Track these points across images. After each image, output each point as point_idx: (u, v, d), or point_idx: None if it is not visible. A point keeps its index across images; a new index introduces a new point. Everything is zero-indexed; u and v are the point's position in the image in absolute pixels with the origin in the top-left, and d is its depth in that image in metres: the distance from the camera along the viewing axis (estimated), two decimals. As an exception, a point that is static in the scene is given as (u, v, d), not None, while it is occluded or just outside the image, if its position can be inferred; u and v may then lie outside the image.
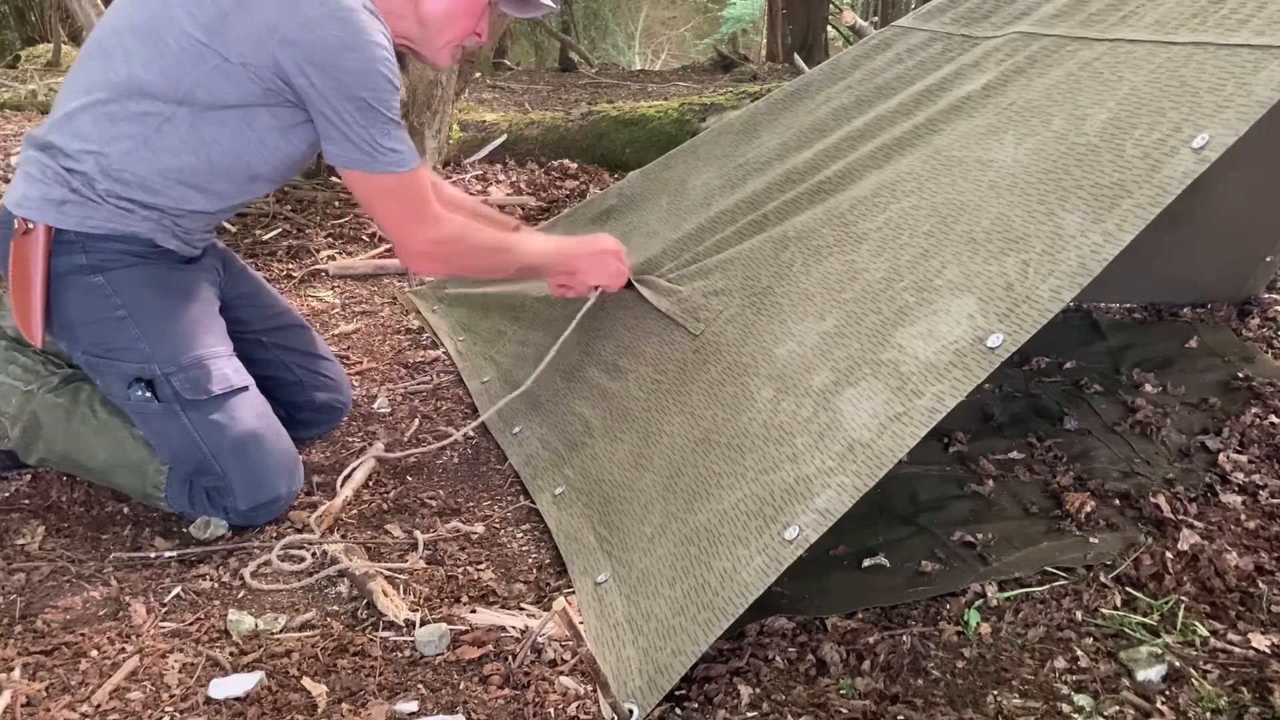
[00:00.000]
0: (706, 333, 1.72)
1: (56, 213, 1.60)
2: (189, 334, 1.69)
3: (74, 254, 1.62)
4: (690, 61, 13.77)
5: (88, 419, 1.74)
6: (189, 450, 1.67)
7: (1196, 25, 1.46)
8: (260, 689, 1.29)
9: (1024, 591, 1.50)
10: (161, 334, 1.66)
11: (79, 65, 1.64)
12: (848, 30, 8.48)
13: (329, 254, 3.23)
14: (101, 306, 1.64)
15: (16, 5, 10.11)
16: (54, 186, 1.60)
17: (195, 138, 1.60)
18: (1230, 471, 1.84)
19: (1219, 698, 1.27)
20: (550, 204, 3.77)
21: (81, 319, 1.64)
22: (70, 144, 1.60)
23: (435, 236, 1.72)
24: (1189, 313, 2.67)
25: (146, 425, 1.69)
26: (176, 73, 1.55)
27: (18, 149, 4.27)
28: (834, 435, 1.33)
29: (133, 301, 1.65)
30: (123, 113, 1.58)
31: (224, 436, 1.67)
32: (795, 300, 1.61)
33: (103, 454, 1.73)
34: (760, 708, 1.26)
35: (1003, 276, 1.34)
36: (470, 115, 4.62)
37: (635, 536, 1.49)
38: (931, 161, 1.63)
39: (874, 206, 1.64)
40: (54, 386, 1.76)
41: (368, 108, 1.57)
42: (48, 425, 1.74)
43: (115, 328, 1.64)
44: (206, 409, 1.67)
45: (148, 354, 1.64)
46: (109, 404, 1.75)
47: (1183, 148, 1.28)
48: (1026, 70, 1.66)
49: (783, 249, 1.73)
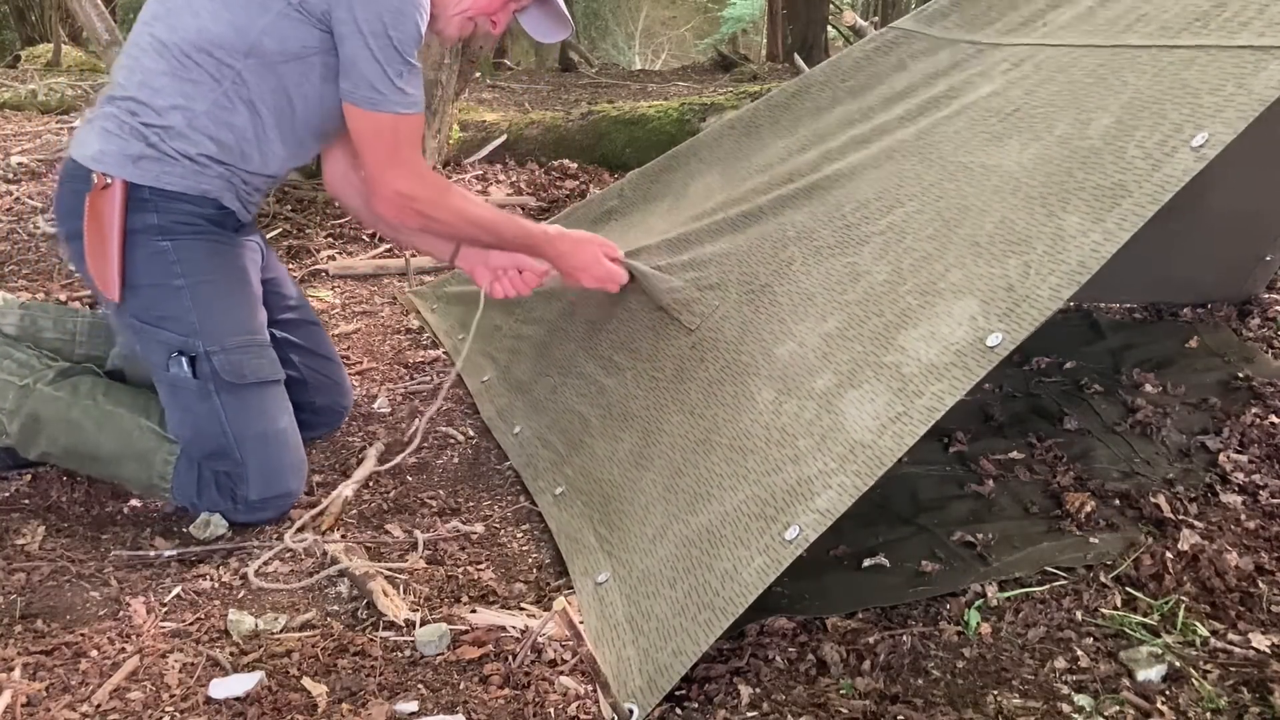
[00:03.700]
0: (703, 328, 1.72)
1: (134, 168, 1.64)
2: (238, 317, 1.73)
3: (146, 213, 1.66)
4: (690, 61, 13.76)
5: (90, 410, 1.74)
6: (212, 432, 1.69)
7: (1199, 29, 1.46)
8: (260, 689, 1.29)
9: (1024, 591, 1.50)
10: (212, 312, 1.69)
11: (143, 24, 1.69)
12: (848, 30, 8.48)
13: (329, 254, 3.23)
14: (163, 273, 1.67)
15: (17, 5, 10.09)
16: (132, 141, 1.65)
17: (263, 90, 1.66)
18: (1230, 471, 1.84)
19: (1219, 698, 1.27)
20: (550, 204, 3.77)
21: (141, 281, 1.67)
22: (151, 99, 1.65)
23: (411, 188, 1.72)
24: (1189, 313, 2.67)
25: (175, 399, 1.70)
26: (245, 23, 1.62)
27: (18, 149, 4.27)
28: (836, 437, 1.34)
29: (193, 274, 1.69)
30: (195, 68, 1.64)
31: (251, 425, 1.70)
32: (796, 300, 1.61)
33: (108, 444, 1.72)
34: (760, 708, 1.26)
35: (1004, 278, 1.34)
36: (470, 115, 4.61)
37: (636, 537, 1.49)
38: (936, 167, 1.63)
39: (877, 210, 1.64)
40: (50, 380, 1.76)
41: (390, 46, 1.60)
42: (48, 419, 1.74)
43: (171, 296, 1.67)
44: (240, 394, 1.69)
45: (195, 328, 1.67)
46: (112, 394, 1.76)
47: (1182, 147, 1.28)
48: (1031, 77, 1.67)
49: (782, 248, 1.73)
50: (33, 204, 3.52)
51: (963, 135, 1.66)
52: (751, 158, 2.12)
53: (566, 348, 2.00)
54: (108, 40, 3.70)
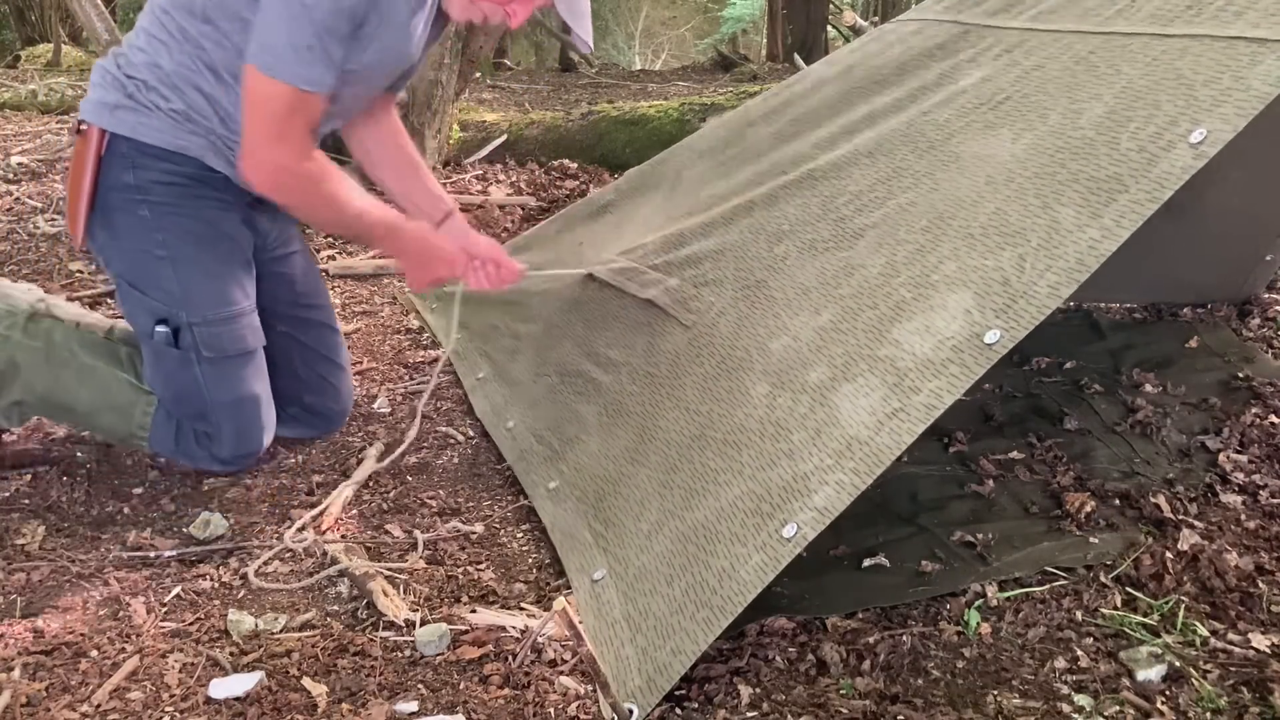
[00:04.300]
0: (698, 325, 1.72)
1: (110, 117, 1.65)
2: (219, 289, 1.73)
3: (123, 170, 1.66)
4: (690, 61, 13.75)
5: (69, 363, 1.77)
6: (193, 397, 1.74)
7: (1191, 17, 1.45)
8: (260, 689, 1.29)
9: (1024, 591, 1.50)
10: (194, 284, 1.71)
11: None
12: (848, 30, 8.48)
13: (329, 254, 3.23)
14: (145, 241, 1.69)
15: (16, 5, 10.09)
16: (110, 91, 1.66)
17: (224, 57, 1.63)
18: (1230, 471, 1.84)
19: (1219, 698, 1.27)
20: (550, 204, 3.77)
21: (124, 244, 1.70)
22: (131, 52, 1.67)
23: (287, 163, 1.62)
24: (1189, 313, 2.67)
25: (157, 362, 1.74)
26: None
27: (18, 149, 4.27)
28: (831, 432, 1.33)
29: (175, 245, 1.70)
30: (162, 28, 1.65)
31: (228, 393, 1.75)
32: (790, 295, 1.61)
33: (86, 396, 1.77)
34: (760, 708, 1.26)
35: (999, 271, 1.33)
36: (470, 115, 4.61)
37: (632, 533, 1.49)
38: (928, 158, 1.63)
39: (870, 202, 1.64)
40: (22, 327, 1.76)
41: (303, 14, 1.49)
42: (25, 366, 1.76)
43: (153, 264, 1.69)
44: (220, 365, 1.73)
45: (178, 299, 1.70)
46: (88, 346, 1.79)
47: (1179, 142, 1.27)
48: (1022, 64, 1.66)
49: (776, 242, 1.73)
50: (33, 204, 3.52)
51: (954, 124, 1.65)
52: (744, 144, 2.12)
53: (563, 346, 2.00)
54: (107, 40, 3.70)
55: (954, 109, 1.69)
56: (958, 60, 1.80)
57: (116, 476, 1.86)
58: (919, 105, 1.76)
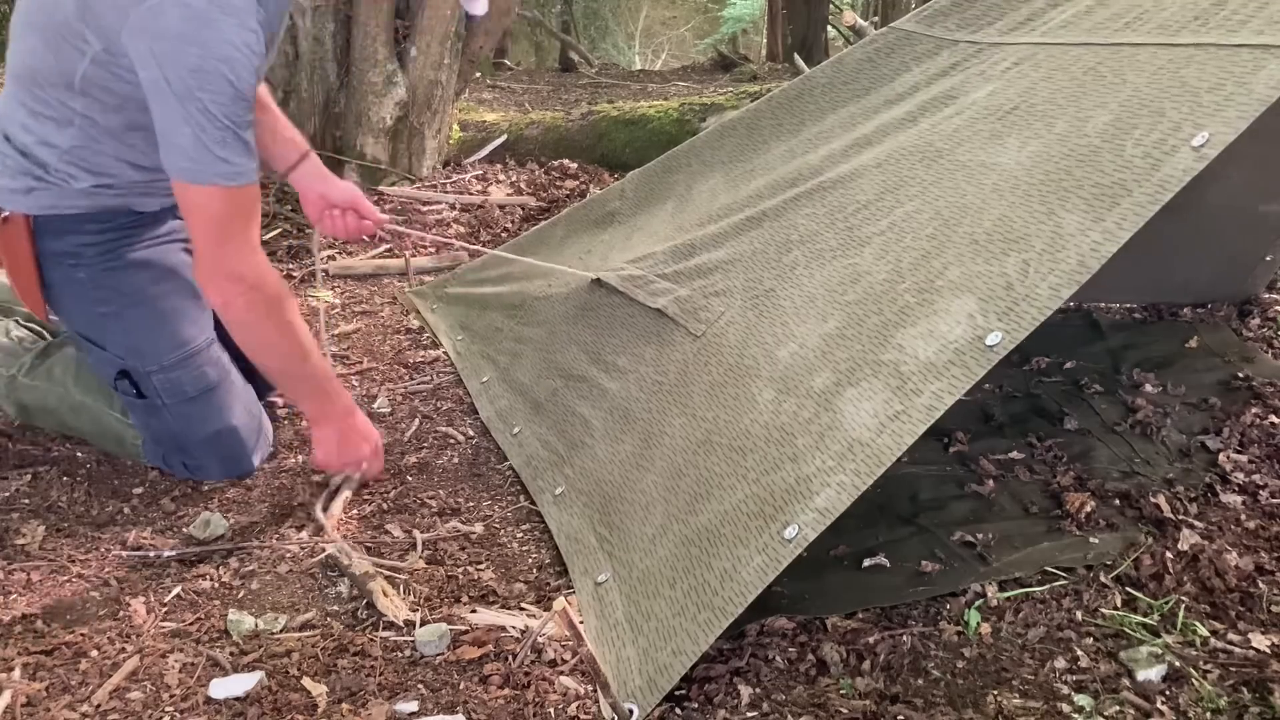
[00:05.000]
0: (708, 334, 1.72)
1: (28, 200, 1.63)
2: (170, 333, 1.73)
3: (53, 239, 1.65)
4: (690, 61, 13.74)
5: (64, 399, 1.84)
6: (168, 437, 1.78)
7: (1198, 27, 1.47)
8: (260, 689, 1.29)
9: (1024, 591, 1.50)
10: (142, 334, 1.71)
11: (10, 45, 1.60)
12: (848, 30, 8.47)
13: (329, 254, 3.23)
14: (87, 300, 1.70)
15: (16, 5, 10.11)
16: (17, 177, 1.62)
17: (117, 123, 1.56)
18: (1230, 471, 1.84)
19: (1219, 698, 1.27)
20: (550, 204, 3.77)
21: (69, 306, 1.72)
22: (18, 135, 1.60)
23: (239, 269, 1.53)
24: (1189, 313, 2.67)
25: (132, 412, 1.79)
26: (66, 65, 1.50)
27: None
28: (834, 435, 1.34)
29: (116, 300, 1.70)
30: (44, 105, 1.56)
31: (202, 430, 1.77)
32: (798, 303, 1.61)
33: (85, 428, 1.89)
34: (760, 708, 1.26)
35: (1003, 276, 1.34)
36: (470, 115, 4.61)
37: (636, 537, 1.49)
38: (935, 166, 1.64)
39: (878, 211, 1.65)
40: (28, 369, 1.86)
41: (203, 111, 1.41)
42: (33, 406, 1.88)
43: (99, 321, 1.71)
44: (186, 407, 1.75)
45: (132, 350, 1.71)
46: (81, 381, 1.84)
47: (1182, 146, 1.28)
48: (1030, 75, 1.67)
49: (786, 251, 1.74)
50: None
51: (962, 134, 1.66)
52: (755, 159, 2.13)
53: (569, 351, 2.00)
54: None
55: (962, 120, 1.70)
56: (968, 74, 1.82)
57: (116, 476, 1.86)
58: (929, 118, 1.79)
